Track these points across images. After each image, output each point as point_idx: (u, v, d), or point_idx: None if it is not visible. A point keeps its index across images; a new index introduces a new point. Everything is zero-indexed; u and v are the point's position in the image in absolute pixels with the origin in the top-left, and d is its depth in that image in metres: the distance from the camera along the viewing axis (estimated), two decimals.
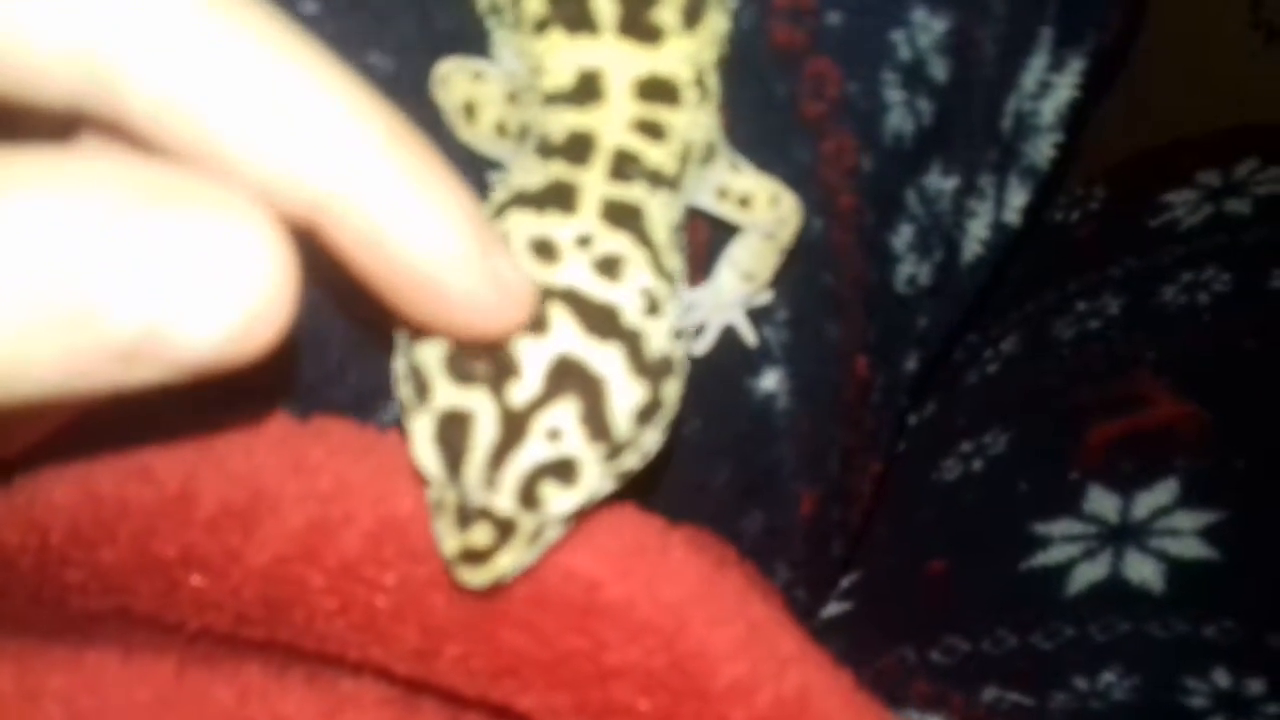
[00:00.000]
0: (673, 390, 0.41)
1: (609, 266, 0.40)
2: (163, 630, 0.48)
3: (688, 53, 0.43)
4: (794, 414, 0.62)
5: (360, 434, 0.49)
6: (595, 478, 0.39)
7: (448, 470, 0.39)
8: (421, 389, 0.39)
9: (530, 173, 0.42)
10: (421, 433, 0.39)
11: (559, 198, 0.41)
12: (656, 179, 0.42)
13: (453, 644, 0.46)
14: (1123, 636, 0.76)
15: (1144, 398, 0.86)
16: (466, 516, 0.40)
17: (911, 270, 0.63)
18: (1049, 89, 0.66)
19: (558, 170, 0.41)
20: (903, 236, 0.61)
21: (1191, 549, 0.78)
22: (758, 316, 0.57)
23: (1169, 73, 1.15)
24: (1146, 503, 0.81)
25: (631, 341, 0.39)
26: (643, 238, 0.41)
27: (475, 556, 0.40)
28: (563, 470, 0.39)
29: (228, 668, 0.48)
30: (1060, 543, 0.81)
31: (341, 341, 0.51)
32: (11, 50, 0.26)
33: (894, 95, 0.57)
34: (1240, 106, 1.09)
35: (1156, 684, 0.74)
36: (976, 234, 0.69)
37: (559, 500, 0.39)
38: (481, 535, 0.40)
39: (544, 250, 0.39)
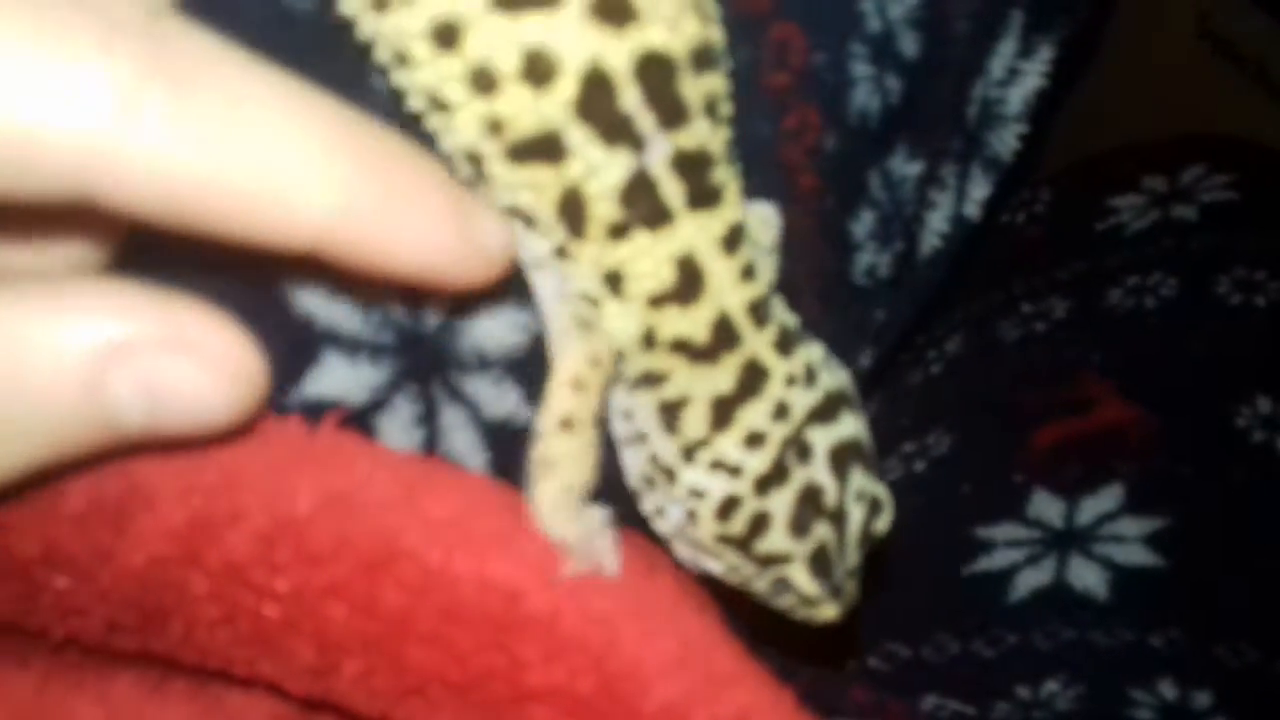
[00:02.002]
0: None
1: (810, 377, 0.45)
2: (25, 639, 0.40)
3: (741, 199, 0.42)
4: None
5: (254, 419, 0.41)
6: (884, 489, 0.46)
7: (826, 585, 0.45)
8: (771, 562, 0.44)
9: (704, 382, 0.43)
10: (801, 582, 0.44)
11: (754, 379, 0.43)
12: (775, 299, 0.45)
13: (352, 660, 0.38)
14: (1066, 645, 0.71)
15: (1089, 400, 0.81)
16: (837, 589, 0.45)
17: (871, 260, 0.56)
18: (1017, 76, 0.60)
19: (731, 362, 0.43)
20: (864, 223, 0.54)
21: (1136, 556, 0.73)
22: None
23: (1116, 81, 1.09)
24: (1091, 508, 0.75)
25: (841, 397, 0.46)
26: (796, 331, 0.45)
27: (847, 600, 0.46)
28: (874, 507, 0.45)
29: (96, 682, 0.40)
30: (1003, 547, 0.76)
31: (235, 311, 0.43)
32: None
33: (862, 69, 0.50)
34: (1185, 116, 1.04)
35: (1101, 694, 0.68)
36: (935, 226, 0.62)
37: (882, 526, 0.46)
38: (850, 588, 0.46)
39: (780, 412, 0.43)
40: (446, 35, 0.37)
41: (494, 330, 0.46)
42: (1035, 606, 0.73)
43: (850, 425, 0.45)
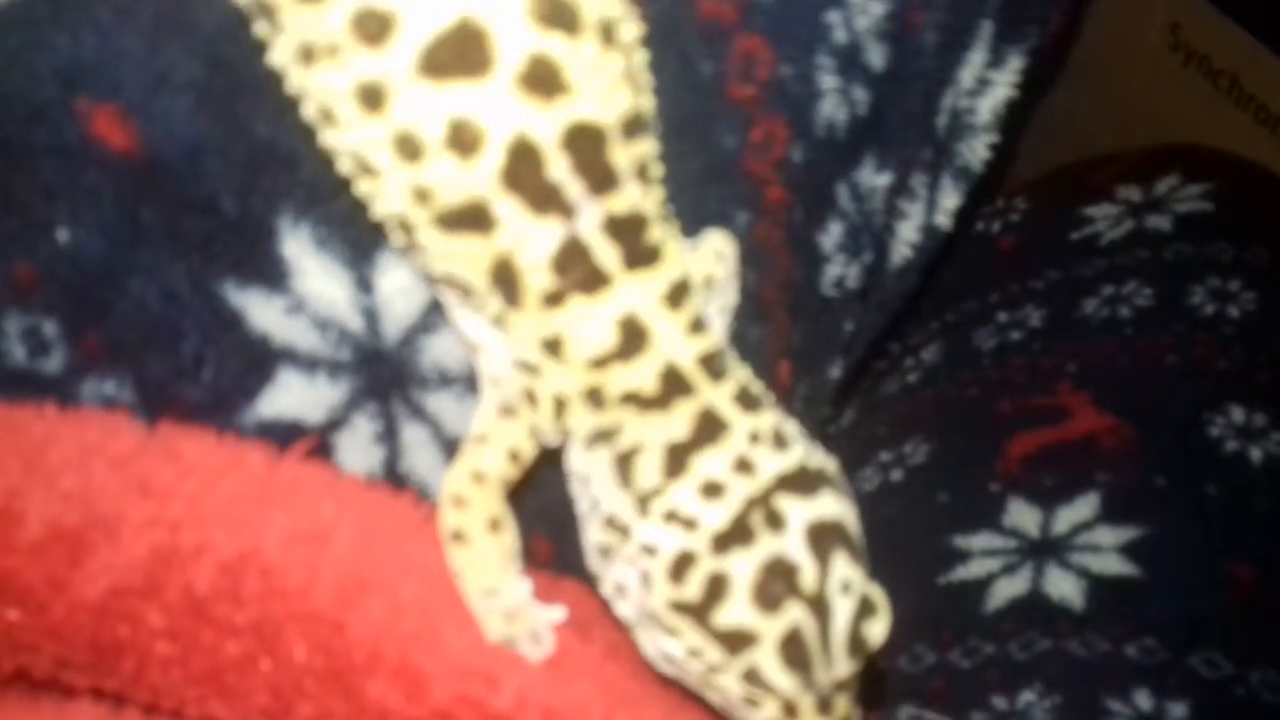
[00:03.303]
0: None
1: (779, 440, 0.41)
2: None
3: (683, 256, 0.41)
4: None
5: (220, 448, 0.40)
6: (879, 591, 0.42)
7: (804, 682, 0.40)
8: (735, 643, 0.40)
9: (657, 430, 0.41)
10: (771, 671, 0.40)
11: (711, 428, 0.41)
12: (727, 350, 0.43)
13: (307, 703, 0.37)
14: (1042, 655, 0.70)
15: (1065, 409, 0.80)
16: (825, 701, 0.41)
17: (840, 271, 0.55)
18: (987, 86, 0.59)
19: (685, 410, 0.41)
20: (832, 235, 0.53)
21: (1112, 565, 0.71)
22: None
23: (1089, 92, 1.08)
24: (1067, 517, 0.74)
25: (823, 476, 0.42)
26: (762, 394, 0.42)
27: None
28: (866, 607, 0.41)
29: (51, 704, 0.39)
30: (980, 557, 0.74)
31: (197, 329, 0.42)
32: None
33: (828, 81, 0.49)
34: (1158, 127, 1.03)
35: (1077, 705, 0.67)
36: (906, 236, 0.61)
37: (876, 634, 0.41)
38: (843, 704, 0.41)
39: (742, 467, 0.40)
40: (372, 97, 0.36)
41: (455, 346, 0.45)
42: (1012, 616, 0.71)
43: (833, 506, 0.41)
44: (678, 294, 0.40)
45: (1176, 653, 0.68)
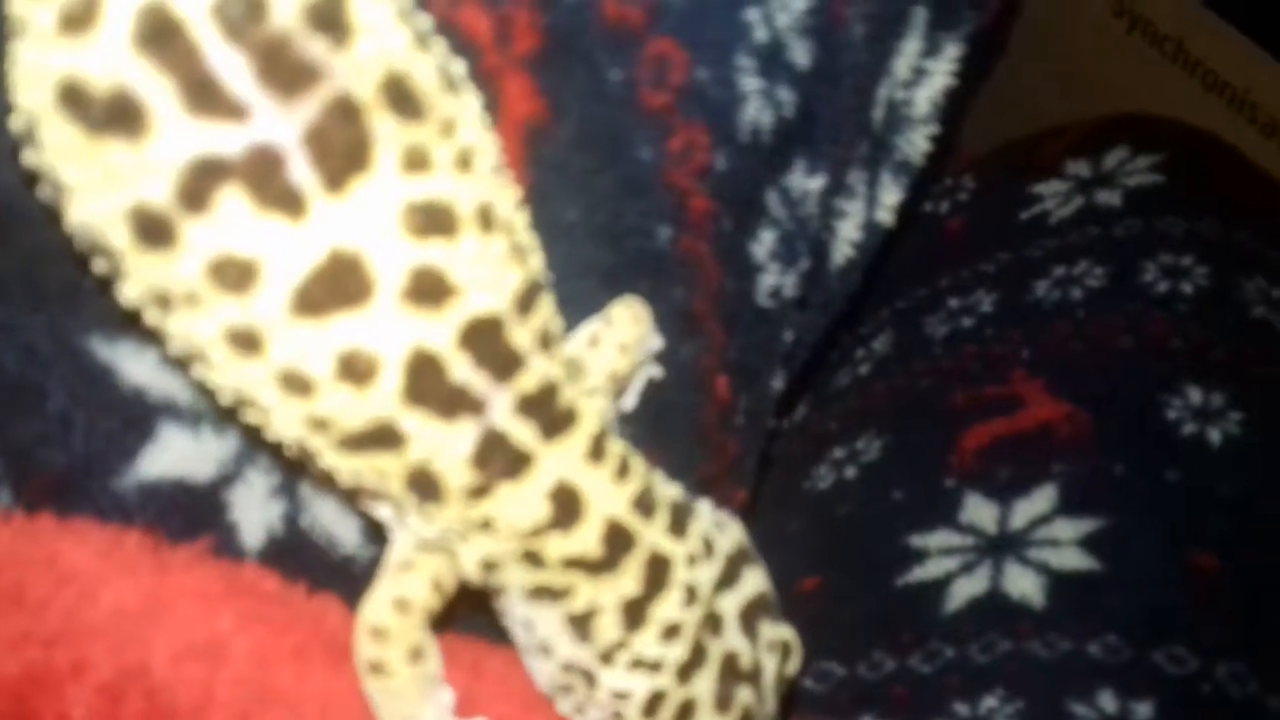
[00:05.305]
0: None
1: (708, 547, 0.42)
2: None
3: (593, 404, 0.40)
4: (644, 443, 0.50)
5: (102, 550, 0.36)
6: (790, 630, 0.46)
7: None
8: None
9: (609, 591, 0.40)
10: None
11: (658, 573, 0.41)
12: (654, 475, 0.43)
13: None
14: (1004, 657, 0.68)
15: (1019, 398, 0.77)
16: None
17: (775, 281, 0.52)
18: (923, 76, 0.56)
19: (632, 564, 0.40)
20: (764, 244, 0.50)
21: (1071, 560, 0.69)
22: None
23: (1032, 61, 1.06)
24: (1025, 511, 0.72)
25: (741, 554, 0.44)
26: (686, 507, 0.43)
27: None
28: (785, 651, 0.45)
29: None
30: (937, 556, 0.72)
31: (62, 388, 0.38)
32: None
33: (750, 83, 0.46)
34: (1103, 95, 1.00)
35: (1040, 709, 0.65)
36: (847, 235, 0.58)
37: (793, 667, 0.46)
38: None
39: (690, 596, 0.41)
40: (246, 342, 0.33)
41: None
42: (972, 617, 0.69)
43: (752, 581, 0.44)
44: (599, 446, 0.39)
45: (1140, 649, 0.66)
